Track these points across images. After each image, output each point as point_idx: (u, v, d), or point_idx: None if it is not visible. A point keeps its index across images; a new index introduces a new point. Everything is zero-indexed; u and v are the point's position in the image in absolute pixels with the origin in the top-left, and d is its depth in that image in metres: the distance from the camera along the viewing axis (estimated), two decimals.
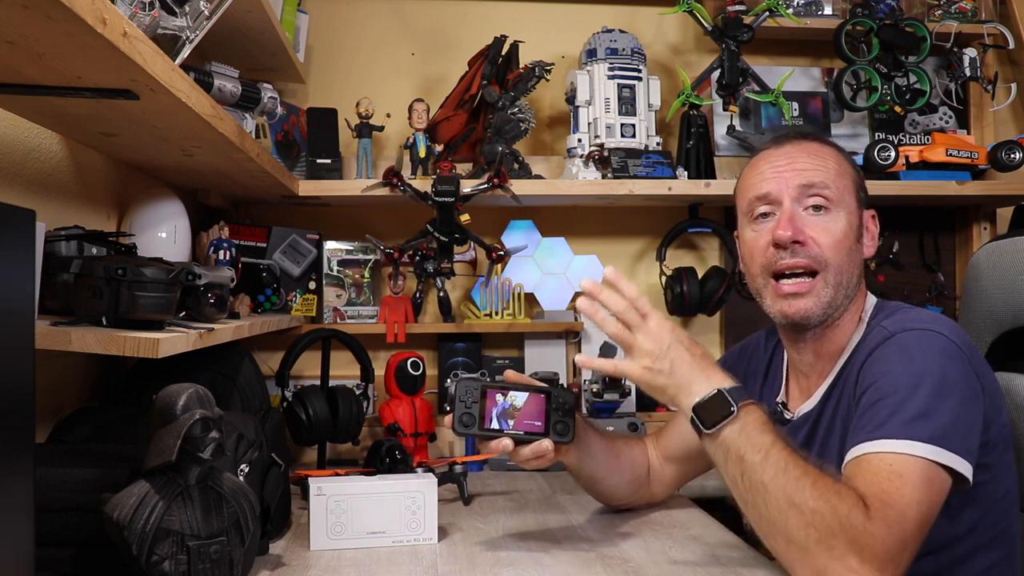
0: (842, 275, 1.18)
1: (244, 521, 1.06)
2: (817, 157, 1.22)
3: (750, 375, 1.39)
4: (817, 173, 1.20)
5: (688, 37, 2.34)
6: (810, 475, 0.98)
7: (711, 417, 1.06)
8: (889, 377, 1.06)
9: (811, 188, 1.19)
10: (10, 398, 0.77)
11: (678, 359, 1.11)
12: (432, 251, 2.03)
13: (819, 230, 1.18)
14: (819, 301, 1.18)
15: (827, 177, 1.20)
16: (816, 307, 1.18)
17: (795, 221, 1.18)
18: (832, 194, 1.19)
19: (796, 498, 0.97)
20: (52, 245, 1.18)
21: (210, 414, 1.01)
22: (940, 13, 2.24)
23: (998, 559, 1.13)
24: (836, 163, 1.22)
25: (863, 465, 1.00)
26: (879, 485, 0.97)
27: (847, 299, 1.20)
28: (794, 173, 1.20)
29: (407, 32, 2.26)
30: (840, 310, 1.20)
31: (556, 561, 1.23)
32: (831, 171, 1.21)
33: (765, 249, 1.21)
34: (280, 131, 2.03)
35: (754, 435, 1.03)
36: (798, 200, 1.20)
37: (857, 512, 0.94)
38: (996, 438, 1.11)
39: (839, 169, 1.22)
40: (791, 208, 1.19)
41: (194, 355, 1.25)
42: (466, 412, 1.20)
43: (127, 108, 1.10)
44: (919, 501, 0.96)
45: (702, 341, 2.26)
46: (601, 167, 2.07)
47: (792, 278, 1.19)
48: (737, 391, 1.07)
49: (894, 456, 0.99)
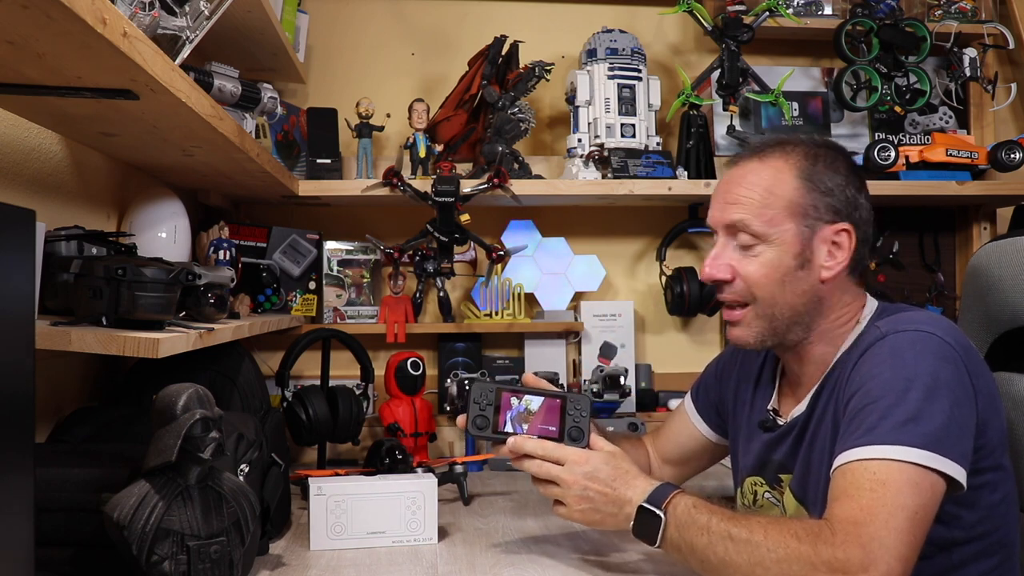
0: (774, 307, 1.17)
1: (244, 521, 1.06)
2: (745, 186, 1.17)
3: (743, 378, 1.38)
4: (739, 209, 1.17)
5: (688, 37, 2.34)
6: (757, 530, 0.99)
7: (648, 532, 1.08)
8: (879, 380, 1.05)
9: (733, 228, 1.18)
10: (10, 398, 0.77)
11: (599, 492, 1.13)
12: (432, 251, 2.03)
13: (744, 264, 1.17)
14: (750, 331, 1.19)
15: (749, 212, 1.16)
16: (748, 336, 1.20)
17: (719, 259, 1.19)
18: (757, 229, 1.15)
19: (755, 558, 0.97)
20: (52, 245, 1.18)
21: (210, 414, 1.01)
22: (940, 13, 2.24)
23: (996, 564, 1.11)
24: (767, 190, 1.16)
25: (848, 476, 1.00)
26: (858, 501, 0.96)
27: (795, 324, 1.18)
28: (723, 207, 1.19)
29: (407, 32, 2.26)
30: (793, 334, 1.19)
31: (556, 561, 1.23)
32: (755, 203, 1.16)
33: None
34: (280, 131, 2.03)
35: (689, 524, 1.04)
36: (728, 233, 1.20)
37: (822, 545, 0.94)
38: (992, 441, 1.09)
39: (769, 197, 1.16)
40: (720, 245, 1.21)
41: (194, 355, 1.25)
42: (480, 414, 1.20)
43: (127, 108, 1.10)
44: (904, 507, 0.95)
45: (702, 341, 2.32)
46: (601, 167, 2.07)
47: (728, 308, 1.22)
48: (657, 493, 1.09)
49: (880, 463, 0.98)
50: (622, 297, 2.29)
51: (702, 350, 2.28)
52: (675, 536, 1.06)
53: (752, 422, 1.31)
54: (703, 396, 1.46)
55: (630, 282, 2.30)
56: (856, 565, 0.92)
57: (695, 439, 1.46)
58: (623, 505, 1.11)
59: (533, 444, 1.17)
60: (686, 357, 2.28)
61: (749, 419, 1.32)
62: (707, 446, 1.46)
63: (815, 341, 1.20)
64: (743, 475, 1.32)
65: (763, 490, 1.27)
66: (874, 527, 0.94)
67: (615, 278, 2.29)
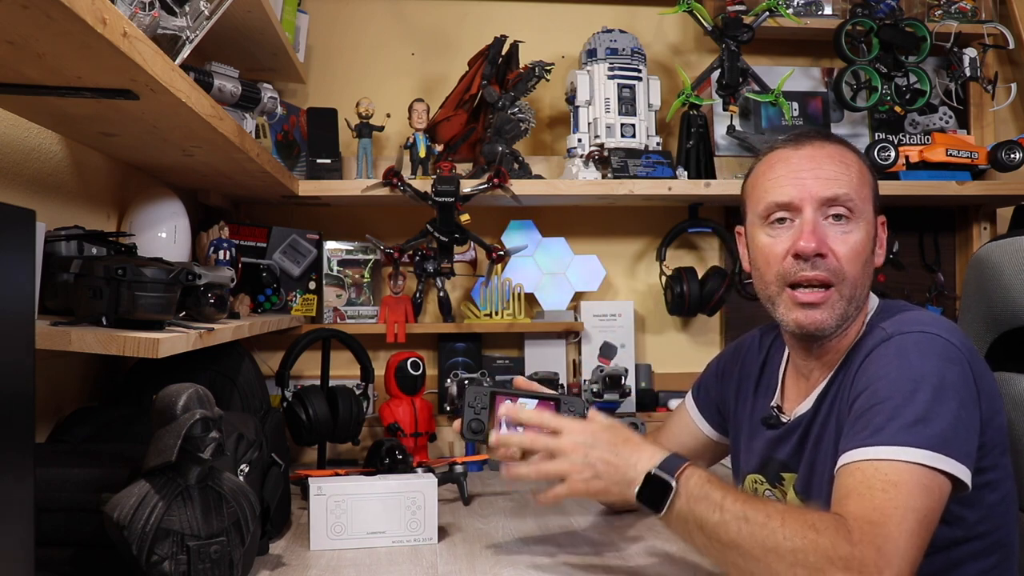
0: (856, 288, 1.16)
1: (244, 521, 1.06)
2: (841, 164, 1.17)
3: (744, 377, 1.38)
4: (840, 184, 1.15)
5: (688, 37, 2.34)
6: (775, 515, 0.97)
7: (656, 499, 1.04)
8: (886, 381, 1.05)
9: (835, 200, 1.15)
10: (10, 398, 0.77)
11: (602, 459, 1.09)
12: (432, 251, 2.03)
13: (839, 242, 1.15)
14: (833, 313, 1.15)
15: (850, 188, 1.15)
16: (830, 319, 1.16)
17: (818, 232, 1.15)
18: (855, 205, 1.15)
19: (769, 543, 0.95)
20: (52, 245, 1.18)
21: (210, 414, 1.01)
22: (940, 13, 2.23)
23: (996, 562, 1.12)
24: (859, 171, 1.18)
25: (857, 475, 0.99)
26: (871, 501, 0.96)
27: (858, 310, 1.18)
28: (817, 182, 1.16)
29: (407, 32, 2.26)
30: (851, 320, 1.18)
31: (556, 562, 1.23)
32: (854, 181, 1.16)
33: (782, 258, 1.17)
34: (280, 131, 2.03)
35: (701, 497, 1.01)
36: (820, 209, 1.16)
37: (840, 541, 0.93)
38: (993, 440, 1.09)
39: (861, 178, 1.18)
40: (814, 218, 1.15)
41: (194, 355, 1.25)
42: (475, 418, 1.20)
43: (127, 108, 1.10)
44: (915, 509, 0.95)
45: (702, 341, 2.32)
46: (601, 167, 2.07)
47: (808, 288, 1.16)
48: (669, 462, 1.06)
49: (890, 464, 0.97)
50: (622, 297, 2.29)
51: (702, 350, 2.28)
52: (684, 508, 1.02)
53: (754, 420, 1.31)
54: (704, 395, 1.46)
55: (630, 282, 2.30)
56: (871, 566, 0.92)
57: (696, 438, 1.46)
58: (628, 470, 1.07)
59: (529, 413, 1.14)
60: (686, 357, 2.28)
61: (751, 417, 1.32)
62: (708, 445, 1.46)
63: (845, 332, 1.20)
64: (744, 473, 1.32)
65: (763, 488, 1.27)
66: (888, 529, 0.94)
67: (615, 278, 2.29)
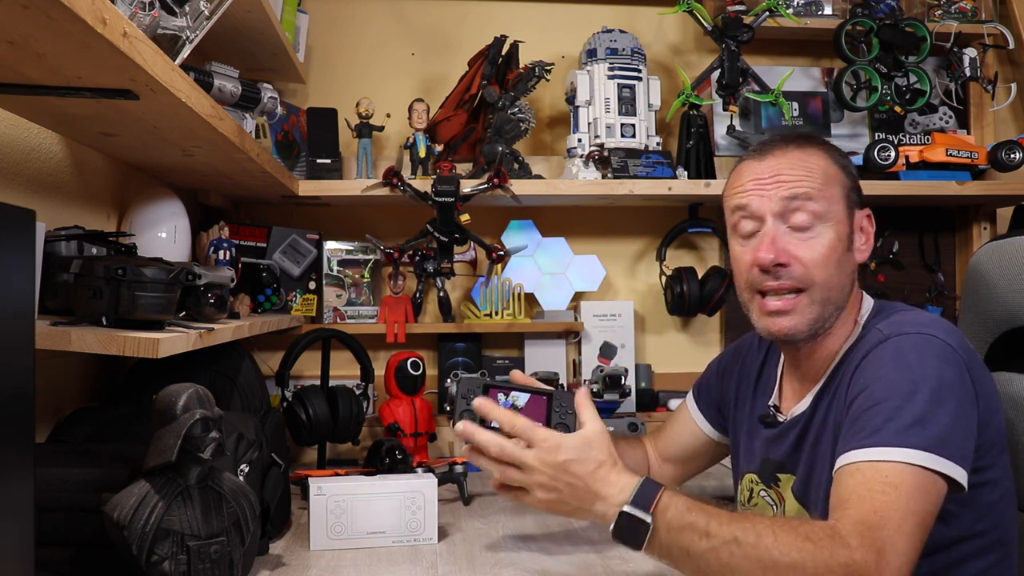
0: (830, 291, 1.15)
1: (244, 521, 1.06)
2: (801, 166, 1.16)
3: (744, 377, 1.38)
4: (801, 184, 1.14)
5: (688, 37, 2.34)
6: (766, 533, 0.94)
7: (633, 538, 0.98)
8: (884, 382, 1.04)
9: (795, 200, 1.14)
10: (10, 398, 0.77)
11: (570, 484, 1.03)
12: (432, 251, 2.03)
13: (803, 248, 1.14)
14: (804, 319, 1.15)
15: (812, 187, 1.14)
16: (801, 325, 1.15)
17: (777, 242, 1.14)
18: (818, 207, 1.14)
19: (766, 562, 0.93)
20: (52, 245, 1.18)
21: (210, 414, 1.01)
22: (940, 13, 2.23)
23: (994, 562, 1.12)
24: (823, 170, 1.16)
25: (856, 476, 0.99)
26: (871, 503, 0.95)
27: (837, 310, 1.17)
28: (777, 186, 1.15)
29: (407, 32, 2.26)
30: (831, 321, 1.17)
31: (556, 562, 1.23)
32: (816, 180, 1.15)
33: (749, 267, 1.17)
34: (280, 131, 2.03)
35: (684, 527, 0.96)
36: (782, 216, 1.15)
37: (838, 548, 0.92)
38: (991, 441, 1.09)
39: (826, 176, 1.16)
40: (773, 228, 1.15)
41: (194, 355, 1.25)
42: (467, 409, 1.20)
43: (127, 108, 1.10)
44: (914, 512, 0.95)
45: (702, 341, 2.32)
46: (601, 167, 2.07)
47: (776, 296, 1.16)
48: (642, 494, 0.99)
49: (889, 465, 0.97)
50: (622, 297, 2.29)
51: (702, 350, 2.28)
52: (665, 540, 0.97)
53: (753, 419, 1.31)
54: (705, 394, 1.47)
55: (630, 282, 2.30)
56: (872, 569, 0.91)
57: (697, 437, 1.46)
58: (598, 504, 1.02)
59: (501, 413, 1.08)
60: (686, 357, 2.28)
61: (750, 417, 1.33)
62: (709, 445, 1.46)
63: (830, 333, 1.19)
64: (742, 473, 1.32)
65: (759, 488, 1.27)
66: (887, 531, 0.93)
67: (615, 278, 2.29)
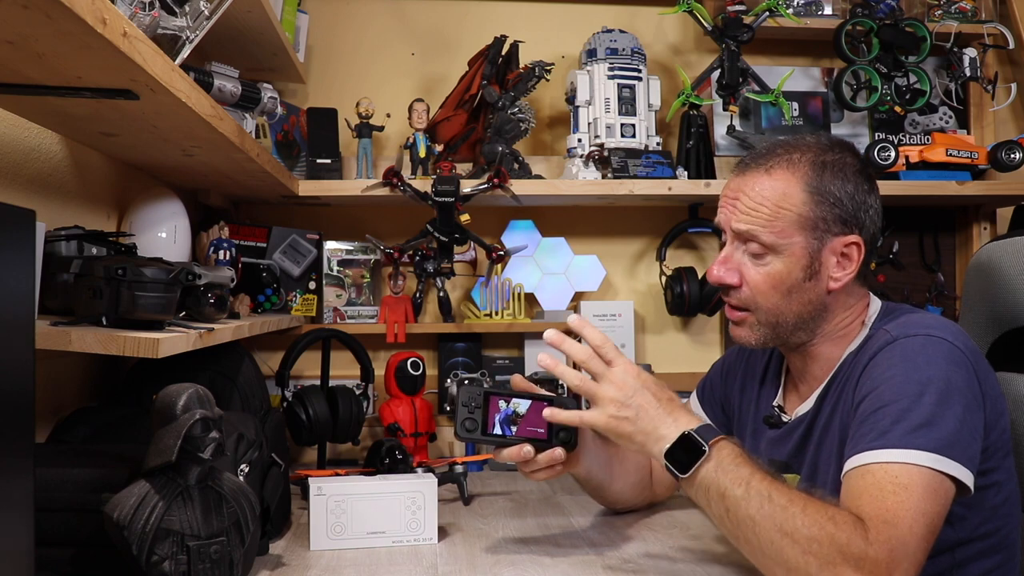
0: (778, 315, 1.17)
1: (244, 521, 1.06)
2: (757, 198, 1.16)
3: (748, 376, 1.38)
4: (750, 218, 1.16)
5: (688, 37, 2.33)
6: (797, 502, 0.97)
7: (684, 460, 1.05)
8: (892, 383, 1.05)
9: (743, 235, 1.17)
10: (10, 398, 0.77)
11: (643, 405, 1.10)
12: (432, 251, 2.03)
13: (752, 272, 1.17)
14: (753, 335, 1.20)
15: (759, 222, 1.15)
16: (750, 338, 1.20)
17: (728, 262, 1.19)
18: (767, 239, 1.15)
19: (787, 527, 0.96)
20: (52, 245, 1.18)
21: (210, 414, 1.01)
22: (940, 13, 2.23)
23: (998, 563, 1.12)
24: (780, 201, 1.15)
25: (867, 477, 0.99)
26: (883, 501, 0.96)
27: (799, 329, 1.18)
28: (734, 213, 1.18)
29: (407, 32, 2.26)
30: (798, 336, 1.19)
31: (556, 562, 1.23)
32: (762, 217, 1.15)
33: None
34: (280, 131, 2.03)
35: (731, 470, 1.02)
36: (741, 238, 1.18)
37: (856, 537, 0.93)
38: (996, 443, 1.10)
39: (778, 210, 1.14)
40: (731, 248, 1.20)
41: (194, 355, 1.25)
42: (469, 417, 1.20)
43: (127, 108, 1.10)
44: (925, 513, 0.95)
45: (702, 341, 2.32)
46: (601, 167, 2.07)
47: (730, 308, 1.21)
48: (706, 430, 1.07)
49: (900, 467, 0.98)
50: (622, 297, 2.29)
51: (702, 350, 2.28)
52: (709, 476, 1.03)
53: (757, 420, 1.31)
54: (709, 395, 1.47)
55: (630, 282, 2.30)
56: (882, 567, 0.92)
57: None
58: (663, 426, 1.09)
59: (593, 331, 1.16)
60: (686, 357, 2.28)
61: (755, 417, 1.33)
62: None
63: (819, 342, 1.20)
64: None
65: None
66: (900, 531, 0.94)
67: (615, 278, 2.29)
